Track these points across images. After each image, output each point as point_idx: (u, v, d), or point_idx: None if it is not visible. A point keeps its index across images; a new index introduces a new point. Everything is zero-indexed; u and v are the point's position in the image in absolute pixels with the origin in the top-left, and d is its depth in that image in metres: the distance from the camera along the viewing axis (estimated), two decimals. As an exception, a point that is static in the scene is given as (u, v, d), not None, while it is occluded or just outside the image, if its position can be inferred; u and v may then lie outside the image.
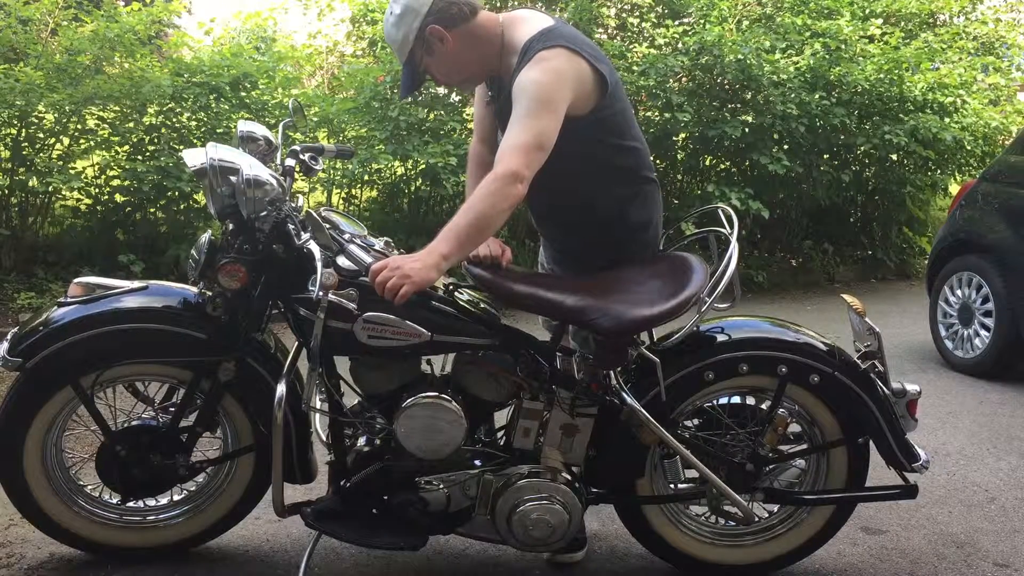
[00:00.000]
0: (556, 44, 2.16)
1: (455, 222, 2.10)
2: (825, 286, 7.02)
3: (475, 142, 2.56)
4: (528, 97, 2.12)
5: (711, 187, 6.29)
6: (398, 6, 2.22)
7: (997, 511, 3.05)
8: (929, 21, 8.35)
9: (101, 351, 2.23)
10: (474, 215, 2.08)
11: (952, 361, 4.83)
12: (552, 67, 2.14)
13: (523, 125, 2.11)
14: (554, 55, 2.15)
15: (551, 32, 2.21)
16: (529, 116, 2.11)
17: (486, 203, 2.09)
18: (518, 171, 2.08)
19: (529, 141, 2.09)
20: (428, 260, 2.06)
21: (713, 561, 2.49)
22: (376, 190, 6.44)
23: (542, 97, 2.12)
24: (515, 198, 2.10)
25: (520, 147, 2.09)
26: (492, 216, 2.09)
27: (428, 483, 2.24)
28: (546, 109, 2.11)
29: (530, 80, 2.13)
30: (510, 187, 2.08)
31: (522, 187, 2.09)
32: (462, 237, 2.09)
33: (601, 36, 7.11)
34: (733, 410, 2.43)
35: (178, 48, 6.36)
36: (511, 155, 2.09)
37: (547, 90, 2.12)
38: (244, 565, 2.47)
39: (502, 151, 2.12)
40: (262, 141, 2.36)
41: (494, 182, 2.09)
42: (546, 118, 2.11)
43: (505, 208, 2.10)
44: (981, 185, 4.98)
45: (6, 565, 2.40)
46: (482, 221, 2.09)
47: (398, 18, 2.22)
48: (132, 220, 5.54)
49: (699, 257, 2.40)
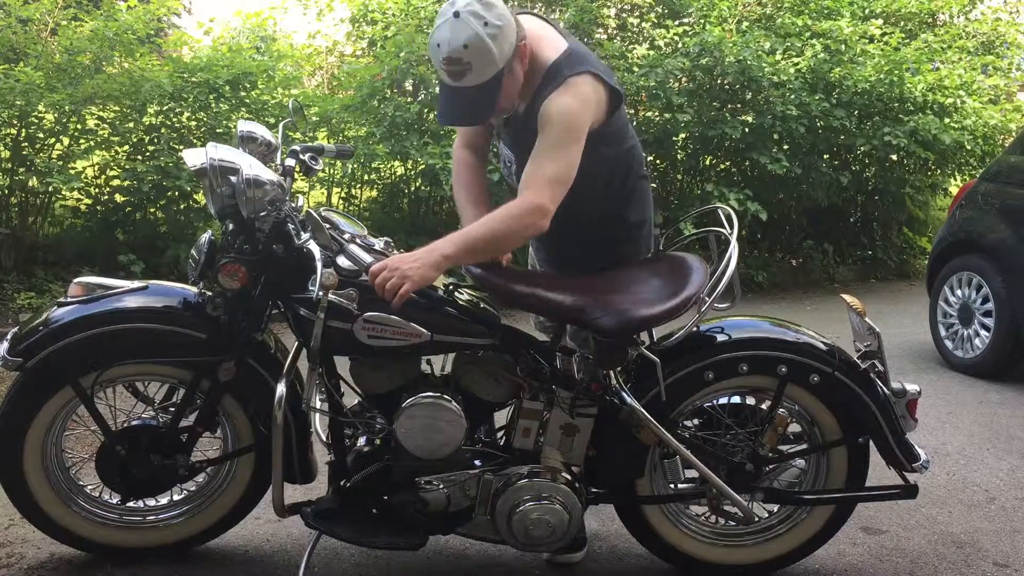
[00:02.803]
0: (583, 70, 2.14)
1: (470, 230, 2.12)
2: (825, 286, 7.02)
3: (458, 146, 2.50)
4: (560, 126, 2.11)
5: (710, 187, 6.29)
6: (493, 15, 2.03)
7: (997, 511, 3.05)
8: (929, 21, 8.34)
9: (101, 351, 2.23)
10: (491, 232, 2.11)
11: (952, 361, 4.83)
12: (581, 94, 2.13)
13: (555, 156, 2.11)
14: (582, 82, 2.13)
15: (574, 55, 2.17)
16: (560, 146, 2.11)
17: (506, 225, 2.11)
18: (545, 206, 2.11)
19: (559, 175, 2.11)
20: (427, 259, 2.06)
21: (713, 561, 2.49)
22: (376, 190, 6.45)
23: (572, 126, 2.11)
24: (536, 231, 2.13)
25: (551, 181, 2.10)
26: (508, 240, 2.14)
27: (428, 483, 2.24)
28: (575, 139, 2.12)
29: (564, 108, 2.11)
30: (534, 219, 2.11)
31: (545, 222, 2.12)
32: (470, 246, 2.11)
33: (601, 36, 7.11)
34: (733, 410, 2.43)
35: (178, 48, 6.36)
36: (542, 188, 2.10)
37: (577, 120, 2.12)
38: (244, 565, 2.47)
39: (534, 179, 2.12)
40: (262, 141, 2.36)
41: (521, 210, 2.11)
42: (574, 148, 2.12)
43: (523, 237, 2.16)
44: (981, 185, 4.98)
45: (6, 565, 2.40)
46: (496, 240, 2.13)
47: (499, 30, 2.03)
48: (132, 220, 5.54)
49: (699, 257, 2.40)
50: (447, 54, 2.04)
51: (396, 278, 2.02)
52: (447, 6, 2.06)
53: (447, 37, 2.03)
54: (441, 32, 2.05)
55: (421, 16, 6.74)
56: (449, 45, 2.03)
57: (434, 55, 2.09)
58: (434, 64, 2.13)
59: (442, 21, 2.05)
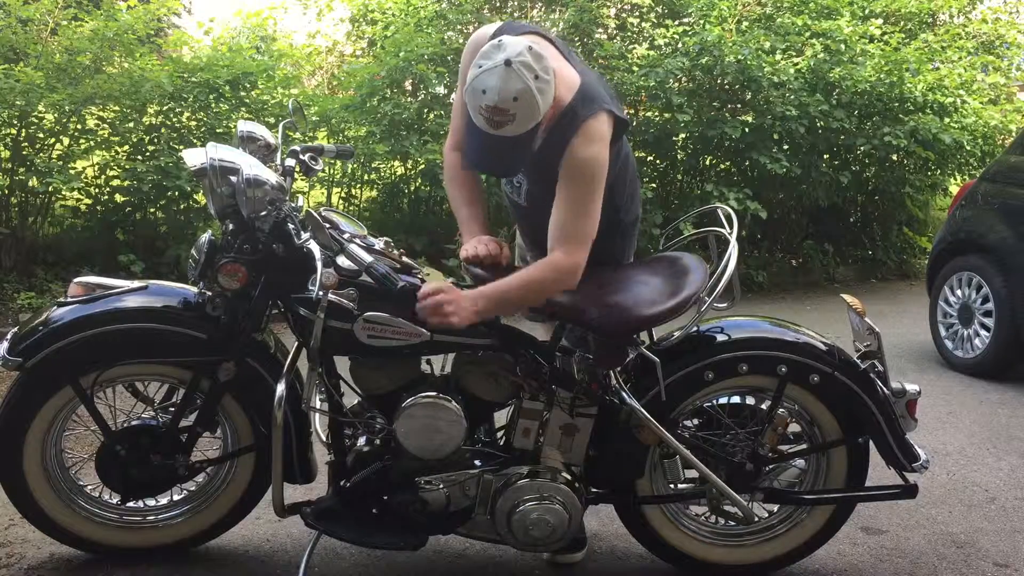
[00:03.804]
0: (599, 110, 2.12)
1: (506, 288, 2.14)
2: (825, 286, 7.02)
3: (449, 148, 2.44)
4: (588, 179, 2.10)
5: (710, 187, 6.29)
6: (542, 67, 1.97)
7: (997, 511, 3.05)
8: (929, 21, 8.34)
9: (101, 351, 2.23)
10: (526, 292, 2.16)
11: (952, 361, 4.83)
12: (601, 137, 2.12)
13: (586, 211, 2.12)
14: (599, 123, 2.11)
15: (587, 93, 2.13)
16: (589, 199, 2.11)
17: (541, 286, 2.15)
18: (580, 264, 2.13)
19: (590, 229, 2.13)
20: (470, 308, 2.12)
21: (713, 561, 2.49)
22: (376, 190, 6.45)
23: (599, 175, 2.12)
24: (570, 287, 2.16)
25: (584, 237, 2.13)
26: (541, 298, 2.18)
27: (428, 483, 2.24)
28: (600, 188, 2.13)
29: (591, 159, 2.10)
30: (569, 278, 2.14)
31: (578, 277, 2.15)
32: (503, 302, 2.17)
33: (601, 36, 7.11)
34: (733, 410, 2.43)
35: (178, 48, 6.36)
36: (575, 247, 2.12)
37: (603, 169, 2.12)
38: (244, 565, 2.47)
39: (566, 236, 2.12)
40: (262, 141, 2.36)
41: (557, 272, 2.13)
42: (600, 196, 2.13)
43: (555, 293, 2.18)
44: (981, 185, 4.98)
45: (6, 565, 2.40)
46: (530, 297, 2.19)
47: (547, 84, 1.98)
48: (132, 220, 5.54)
49: (698, 257, 2.40)
50: (495, 103, 1.94)
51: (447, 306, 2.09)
52: (494, 50, 1.96)
53: (496, 86, 1.93)
54: (489, 79, 1.94)
55: (421, 16, 6.74)
56: (498, 95, 1.93)
57: (475, 98, 1.97)
58: (469, 105, 2.00)
59: (490, 66, 1.94)
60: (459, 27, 6.91)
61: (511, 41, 1.98)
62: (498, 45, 1.98)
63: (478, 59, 1.99)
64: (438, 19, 6.72)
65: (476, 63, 1.98)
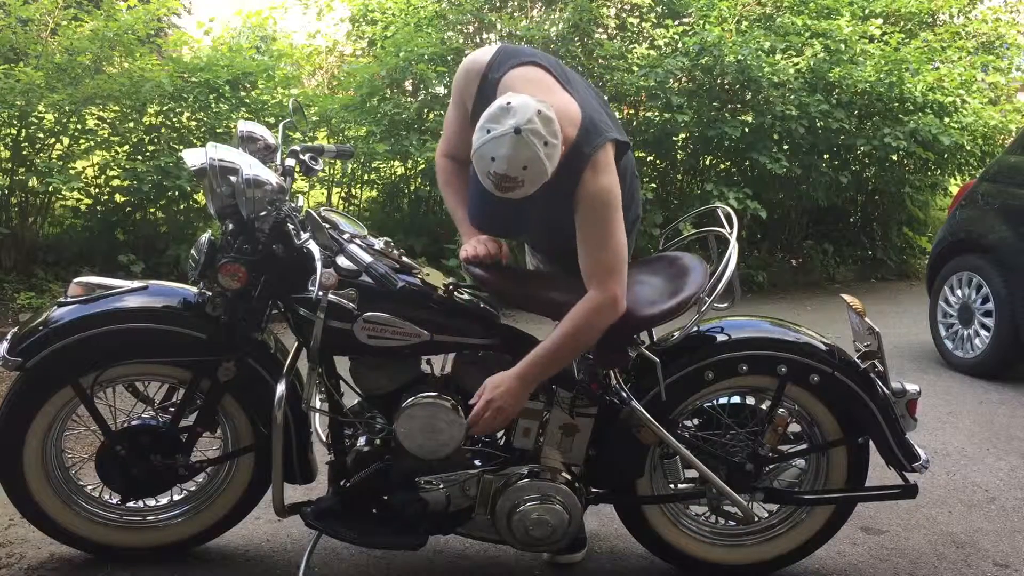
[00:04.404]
0: (602, 142, 2.11)
1: (552, 345, 2.13)
2: (825, 286, 7.02)
3: (440, 155, 2.42)
4: (605, 210, 2.10)
5: (710, 187, 6.29)
6: (550, 132, 1.94)
7: (997, 511, 3.05)
8: (929, 21, 8.34)
9: (101, 351, 2.23)
10: (575, 341, 2.14)
11: (952, 361, 4.83)
12: (608, 167, 2.11)
13: (609, 242, 2.11)
14: (604, 155, 2.10)
15: (590, 128, 2.11)
16: (609, 230, 2.11)
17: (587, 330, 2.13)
18: (616, 296, 2.12)
19: (618, 258, 2.12)
20: (519, 389, 2.13)
21: (713, 561, 2.49)
22: (376, 190, 6.45)
23: (614, 203, 2.11)
24: (615, 318, 2.14)
25: (614, 269, 2.12)
26: (591, 340, 2.16)
27: (428, 483, 2.24)
28: (618, 214, 2.12)
29: (603, 190, 2.09)
30: (610, 312, 2.13)
31: (621, 307, 2.13)
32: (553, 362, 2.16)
33: (601, 36, 7.11)
34: (733, 410, 2.43)
35: (178, 48, 6.36)
36: (608, 280, 2.11)
37: (616, 197, 2.12)
38: (244, 565, 2.47)
39: (597, 273, 2.11)
40: (262, 141, 2.36)
41: (597, 311, 2.12)
42: (619, 225, 2.13)
43: (603, 331, 2.15)
44: (981, 185, 4.98)
45: (6, 565, 2.40)
46: (581, 345, 2.16)
47: (555, 148, 1.97)
48: (132, 220, 5.54)
49: (698, 257, 2.40)
50: (503, 171, 1.93)
51: (491, 413, 2.12)
52: (503, 113, 1.93)
53: (506, 155, 1.91)
54: (499, 147, 1.91)
55: (421, 16, 6.74)
56: (507, 163, 1.92)
57: (483, 164, 1.96)
58: (476, 168, 2.00)
59: (499, 133, 1.91)
60: (459, 27, 6.92)
61: (520, 105, 1.93)
62: (507, 109, 1.93)
63: (486, 121, 1.95)
64: (438, 19, 6.72)
65: (483, 126, 1.95)
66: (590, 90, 2.28)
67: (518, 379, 2.13)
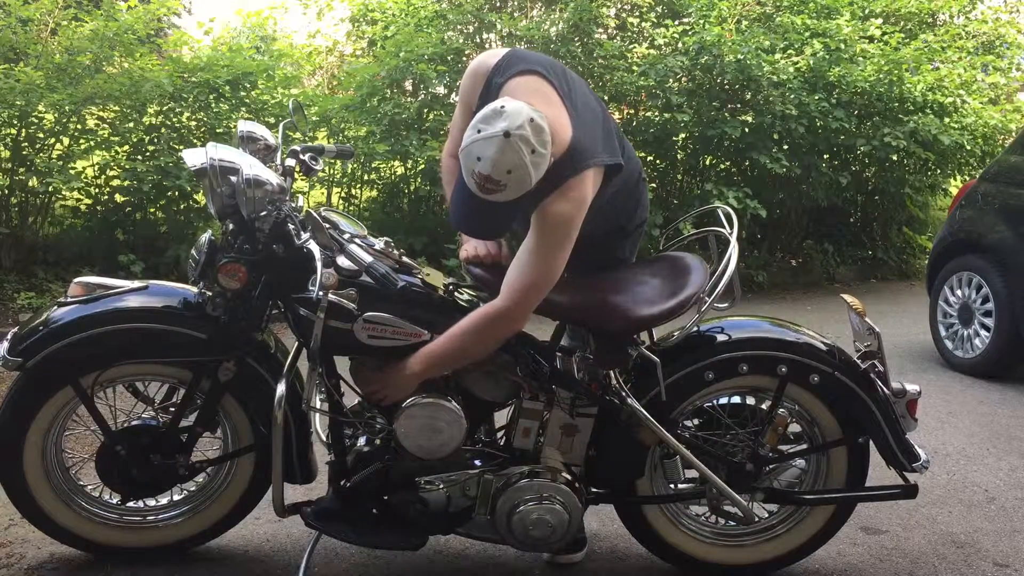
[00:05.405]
0: (584, 168, 2.05)
1: (442, 347, 2.13)
2: (825, 286, 7.02)
3: (447, 155, 2.41)
4: (553, 234, 2.04)
5: (710, 186, 6.29)
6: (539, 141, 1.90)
7: (997, 511, 3.05)
8: (929, 21, 8.34)
9: (101, 351, 2.23)
10: (458, 349, 2.13)
11: (952, 361, 4.83)
12: (579, 198, 2.04)
13: (541, 262, 2.06)
14: (581, 182, 2.04)
15: (578, 150, 2.05)
16: (549, 252, 2.05)
17: (477, 337, 2.12)
18: (516, 313, 2.09)
19: (538, 282, 2.07)
20: (408, 379, 2.16)
21: (713, 561, 2.49)
22: (376, 190, 6.45)
23: (566, 232, 2.05)
24: (508, 335, 2.14)
25: (529, 288, 2.07)
26: (479, 350, 2.17)
27: (428, 483, 2.24)
28: (565, 245, 2.06)
29: (559, 215, 2.03)
30: (505, 327, 2.12)
31: (517, 325, 2.13)
32: (440, 362, 2.16)
33: (601, 36, 7.11)
34: (733, 410, 2.43)
35: (178, 48, 6.36)
36: (517, 296, 2.07)
37: (570, 227, 2.05)
38: (244, 565, 2.47)
39: (512, 284, 2.08)
40: (262, 141, 2.36)
41: (492, 321, 2.10)
42: (562, 254, 2.07)
43: (496, 344, 2.16)
44: (981, 185, 4.98)
45: (6, 565, 2.40)
46: (467, 354, 2.16)
47: (542, 158, 1.92)
48: (132, 220, 5.54)
49: (699, 257, 2.40)
50: (487, 173, 1.89)
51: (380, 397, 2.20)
52: (495, 116, 1.90)
53: (491, 156, 1.87)
54: (486, 148, 1.88)
55: (421, 16, 6.74)
56: (492, 165, 1.88)
57: (469, 162, 1.92)
58: (462, 165, 1.96)
59: (489, 134, 1.88)
60: (459, 27, 6.92)
61: (513, 110, 1.90)
62: (500, 112, 1.90)
63: (478, 121, 1.92)
64: (438, 19, 6.72)
65: (475, 125, 1.92)
66: (591, 106, 2.20)
67: (406, 369, 2.15)
